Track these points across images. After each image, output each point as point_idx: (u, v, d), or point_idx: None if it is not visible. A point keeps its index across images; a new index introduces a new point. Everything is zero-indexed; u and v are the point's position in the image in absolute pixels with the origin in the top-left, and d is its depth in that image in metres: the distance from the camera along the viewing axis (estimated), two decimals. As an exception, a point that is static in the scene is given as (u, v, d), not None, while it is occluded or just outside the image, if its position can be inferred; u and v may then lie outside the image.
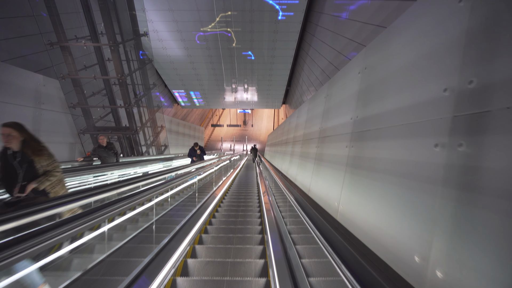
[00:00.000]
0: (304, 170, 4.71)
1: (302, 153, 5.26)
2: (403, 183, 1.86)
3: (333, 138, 3.47)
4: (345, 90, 3.34)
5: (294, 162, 6.03)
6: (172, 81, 16.75)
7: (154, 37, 13.03)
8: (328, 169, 3.44)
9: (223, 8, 11.44)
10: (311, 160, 4.39)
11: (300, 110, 6.40)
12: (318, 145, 4.07)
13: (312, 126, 4.75)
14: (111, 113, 8.83)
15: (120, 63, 6.99)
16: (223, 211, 4.37)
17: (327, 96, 4.11)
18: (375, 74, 2.58)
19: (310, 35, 12.19)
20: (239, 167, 15.15)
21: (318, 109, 4.44)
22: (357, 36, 7.21)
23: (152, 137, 9.57)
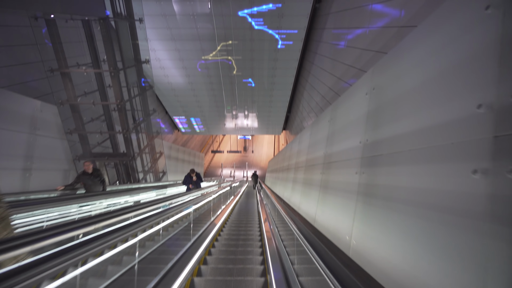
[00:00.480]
0: (308, 198, 4.38)
1: (305, 179, 4.96)
2: (431, 217, 1.57)
3: (340, 164, 3.20)
4: (350, 113, 3.15)
5: (296, 189, 5.71)
6: (173, 108, 16.84)
7: (156, 65, 13.27)
8: (336, 197, 3.13)
9: (224, 37, 11.76)
10: (315, 187, 4.09)
11: (302, 135, 6.20)
12: (323, 171, 3.79)
13: (315, 151, 4.51)
14: (109, 139, 8.65)
15: (120, 89, 6.93)
16: (221, 245, 3.97)
17: (331, 120, 3.91)
18: (386, 94, 2.39)
19: (309, 63, 12.41)
20: (239, 194, 14.68)
21: (321, 133, 4.22)
22: (357, 62, 7.23)
23: (150, 163, 9.30)
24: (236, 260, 3.35)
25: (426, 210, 1.62)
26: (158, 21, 10.92)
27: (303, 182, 5.12)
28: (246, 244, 4.00)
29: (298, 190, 5.53)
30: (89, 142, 7.70)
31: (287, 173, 7.72)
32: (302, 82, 13.99)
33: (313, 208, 3.97)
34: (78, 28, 7.47)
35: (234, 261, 3.28)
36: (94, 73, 7.79)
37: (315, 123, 4.88)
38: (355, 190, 2.58)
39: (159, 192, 7.02)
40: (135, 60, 7.95)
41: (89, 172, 5.26)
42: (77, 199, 4.02)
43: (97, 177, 5.28)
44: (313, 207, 4.00)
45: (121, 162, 7.81)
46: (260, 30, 11.37)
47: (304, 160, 5.31)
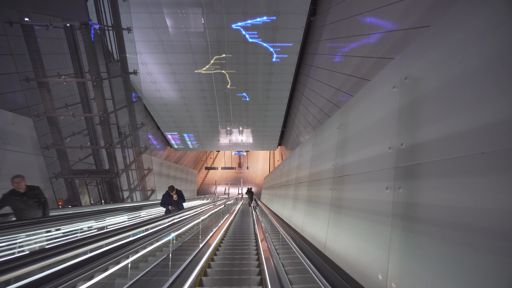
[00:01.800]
0: (315, 219, 3.71)
1: (309, 196, 4.30)
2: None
3: (358, 178, 2.59)
4: (372, 113, 2.66)
5: (298, 208, 5.03)
6: (165, 123, 16.21)
7: (147, 79, 12.78)
8: (356, 220, 2.49)
9: (218, 51, 11.40)
10: (324, 206, 3.44)
11: (303, 147, 5.61)
12: (334, 186, 3.16)
13: (321, 164, 3.89)
14: (92, 155, 7.92)
15: (103, 100, 6.31)
16: (211, 283, 3.17)
17: (340, 126, 3.35)
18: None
19: (305, 76, 12.08)
20: (234, 213, 13.83)
21: (329, 142, 3.64)
22: (357, 71, 6.82)
23: (137, 180, 8.52)
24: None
25: None
26: (149, 34, 10.52)
27: (306, 199, 4.46)
28: (241, 280, 3.25)
29: (300, 209, 4.85)
30: (68, 158, 6.96)
31: (286, 189, 7.04)
32: (298, 96, 13.62)
33: (322, 231, 3.30)
34: (61, 40, 6.95)
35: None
36: (78, 86, 7.19)
37: (319, 132, 4.31)
38: (387, 211, 1.95)
39: (132, 216, 5.92)
40: (121, 70, 7.40)
41: (21, 191, 3.81)
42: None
43: (32, 197, 3.86)
44: (321, 230, 3.34)
45: (103, 179, 7.05)
46: (254, 43, 11.06)
47: (307, 175, 4.68)
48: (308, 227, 4.05)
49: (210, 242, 4.69)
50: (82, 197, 7.65)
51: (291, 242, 3.01)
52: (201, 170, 27.37)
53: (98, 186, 7.39)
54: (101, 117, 6.42)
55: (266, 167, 27.92)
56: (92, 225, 4.06)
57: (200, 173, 26.81)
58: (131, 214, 5.77)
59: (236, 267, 3.65)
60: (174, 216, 3.32)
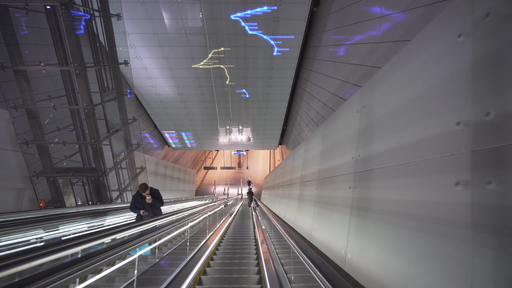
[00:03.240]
0: (329, 225, 3.03)
1: (320, 197, 3.62)
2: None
3: (391, 172, 1.93)
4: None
5: (305, 210, 4.35)
6: (162, 122, 15.55)
7: (143, 75, 12.13)
8: (390, 228, 1.82)
9: (216, 44, 10.75)
10: (340, 208, 2.77)
11: (309, 141, 4.94)
12: (355, 184, 2.49)
13: (335, 158, 3.22)
14: (80, 152, 7.25)
15: (88, 91, 5.65)
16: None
17: (363, 108, 2.69)
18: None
19: (307, 71, 11.43)
20: (233, 214, 13.16)
21: (345, 130, 2.97)
22: (367, 59, 6.16)
23: (129, 180, 7.85)
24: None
25: None
26: (144, 25, 9.87)
27: (316, 200, 3.78)
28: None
29: (307, 212, 4.18)
30: (50, 155, 6.29)
31: (290, 189, 6.36)
32: (299, 92, 12.96)
33: (340, 240, 2.63)
34: (43, 25, 6.29)
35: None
36: (62, 76, 6.53)
37: (331, 121, 3.63)
38: (460, 219, 1.28)
39: (92, 224, 4.56)
40: (110, 59, 6.74)
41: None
42: None
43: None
44: (339, 238, 2.67)
45: (89, 179, 6.37)
46: (254, 35, 10.41)
47: (315, 172, 4.00)
48: (318, 233, 3.38)
49: (200, 252, 3.99)
50: (68, 198, 6.98)
51: (299, 252, 2.38)
52: (200, 170, 26.66)
53: (83, 186, 6.72)
54: (85, 109, 5.76)
55: (266, 167, 27.21)
56: (42, 237, 3.26)
57: (199, 173, 26.09)
58: (94, 220, 4.46)
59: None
60: (139, 227, 2.51)
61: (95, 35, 6.43)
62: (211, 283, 3.13)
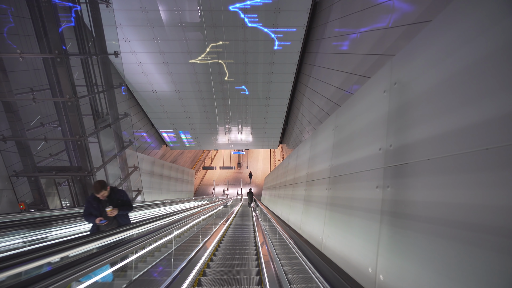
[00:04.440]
0: (349, 233, 2.45)
1: (332, 198, 3.05)
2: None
3: (436, 166, 1.37)
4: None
5: (313, 213, 3.77)
6: (159, 120, 14.97)
7: (138, 71, 11.56)
8: (450, 244, 1.25)
9: (214, 37, 10.18)
10: (363, 212, 2.20)
11: (317, 135, 4.36)
12: (387, 182, 1.92)
13: (354, 151, 2.65)
14: (66, 149, 6.68)
15: (70, 81, 5.08)
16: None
17: (394, 85, 2.13)
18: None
19: (309, 66, 10.86)
20: (233, 215, 12.58)
21: (369, 115, 2.40)
22: (377, 47, 5.61)
23: (119, 180, 7.27)
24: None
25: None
26: (137, 17, 9.31)
27: (327, 202, 3.20)
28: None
29: (316, 215, 3.60)
30: (31, 153, 5.71)
31: (293, 189, 5.78)
32: (301, 89, 12.40)
33: (366, 255, 2.06)
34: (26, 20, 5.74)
35: None
36: (45, 66, 5.97)
37: (347, 108, 3.06)
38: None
39: (57, 231, 3.58)
40: (98, 49, 6.18)
41: None
42: None
43: None
44: (363, 252, 2.10)
45: (73, 178, 5.80)
46: (254, 28, 9.85)
47: (326, 169, 3.43)
48: (332, 242, 2.80)
49: (189, 266, 3.39)
50: (52, 199, 6.40)
51: (308, 265, 1.86)
52: (199, 170, 26.04)
53: (69, 186, 6.15)
54: (69, 102, 5.19)
55: (267, 167, 26.60)
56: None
57: (198, 173, 25.47)
58: (34, 232, 3.30)
59: None
60: (99, 241, 1.77)
61: (80, 21, 5.86)
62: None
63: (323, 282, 1.61)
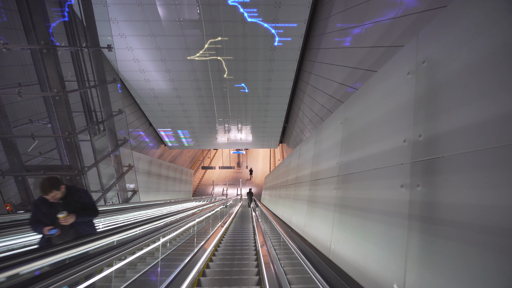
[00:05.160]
0: (364, 239, 2.12)
1: (341, 200, 2.71)
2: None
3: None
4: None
5: (319, 215, 3.43)
6: (157, 119, 14.63)
7: (135, 68, 11.22)
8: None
9: (213, 33, 9.85)
10: (382, 216, 1.87)
11: (322, 131, 4.02)
12: (415, 180, 1.58)
13: (370, 144, 2.31)
14: (57, 148, 6.34)
15: (58, 73, 4.74)
16: None
17: (422, 64, 1.79)
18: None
19: (311, 62, 10.54)
20: (232, 216, 12.24)
21: (395, 100, 2.07)
22: (384, 39, 5.28)
23: (114, 179, 6.93)
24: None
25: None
26: (134, 11, 8.97)
27: (336, 204, 2.86)
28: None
29: (323, 217, 3.27)
30: (18, 151, 5.37)
31: (296, 189, 5.44)
32: (302, 87, 12.07)
33: (388, 266, 1.73)
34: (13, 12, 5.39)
35: None
36: (33, 59, 5.63)
37: (362, 94, 2.72)
38: None
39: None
40: (90, 41, 5.84)
41: None
42: None
43: None
44: (385, 263, 1.77)
45: (63, 178, 5.46)
46: (254, 23, 9.52)
47: (334, 167, 3.09)
48: (343, 249, 2.47)
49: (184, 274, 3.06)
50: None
51: (314, 274, 1.54)
52: (198, 170, 25.69)
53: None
54: (57, 96, 4.85)
55: (267, 166, 26.26)
56: None
57: (197, 173, 25.12)
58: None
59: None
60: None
61: (71, 12, 5.52)
62: None
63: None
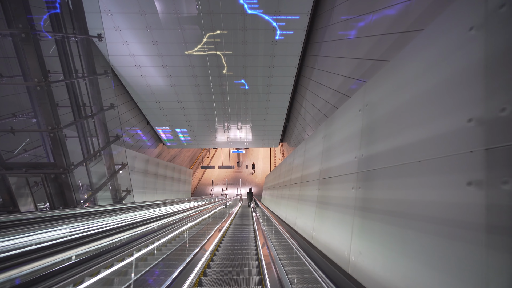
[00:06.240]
0: (403, 255, 1.63)
1: (363, 201, 2.22)
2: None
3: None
4: None
5: (331, 218, 2.95)
6: (155, 117, 14.14)
7: (131, 63, 10.73)
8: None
9: (211, 26, 9.37)
10: (430, 225, 1.38)
11: (332, 122, 3.53)
12: (494, 174, 1.09)
13: (406, 131, 1.83)
14: (43, 144, 5.84)
15: (39, 60, 4.25)
16: None
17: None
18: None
19: (313, 57, 10.06)
20: (232, 216, 11.75)
21: (451, 68, 1.59)
22: (397, 25, 4.80)
23: (105, 179, 6.44)
24: None
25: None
26: (128, 3, 8.49)
27: (355, 206, 2.38)
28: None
29: (337, 222, 2.78)
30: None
31: (301, 188, 4.95)
32: (304, 83, 11.59)
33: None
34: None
35: None
36: (17, 51, 5.12)
37: (391, 69, 2.23)
38: None
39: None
40: (79, 29, 5.35)
41: None
42: None
43: None
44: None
45: (47, 176, 4.97)
46: (254, 15, 9.04)
47: (350, 162, 2.61)
48: (369, 261, 1.98)
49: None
50: (24, 200, 5.55)
51: None
52: (198, 170, 25.19)
53: (44, 185, 5.32)
54: (38, 87, 4.36)
55: (267, 166, 25.76)
56: None
57: (196, 173, 24.62)
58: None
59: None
60: None
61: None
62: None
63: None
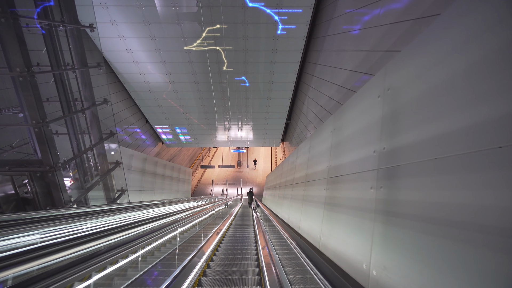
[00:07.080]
0: (453, 274, 1.24)
1: (387, 204, 1.83)
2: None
3: None
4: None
5: (343, 222, 2.56)
6: (153, 115, 13.77)
7: (128, 59, 10.37)
8: None
9: (211, 20, 8.99)
10: (492, 238, 1.00)
11: (343, 112, 3.15)
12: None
13: (444, 118, 1.44)
14: (31, 140, 5.48)
15: (21, 48, 3.89)
16: None
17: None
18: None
19: (316, 52, 9.67)
20: (232, 217, 11.36)
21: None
22: (409, 12, 4.42)
23: (96, 177, 6.07)
24: None
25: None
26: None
27: (375, 210, 1.99)
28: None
29: (351, 228, 2.40)
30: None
31: (306, 188, 4.55)
32: (306, 80, 11.20)
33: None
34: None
35: None
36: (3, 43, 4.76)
37: (420, 42, 1.85)
38: None
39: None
40: (64, 16, 4.98)
41: None
42: None
43: None
44: None
45: (32, 174, 4.60)
46: (255, 8, 8.66)
47: (366, 158, 2.22)
48: (397, 279, 1.59)
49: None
50: (9, 200, 5.19)
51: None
52: (198, 169, 24.82)
53: (29, 184, 4.95)
54: (20, 77, 4.00)
55: (268, 165, 25.37)
56: None
57: (196, 172, 24.25)
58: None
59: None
60: None
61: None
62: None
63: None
